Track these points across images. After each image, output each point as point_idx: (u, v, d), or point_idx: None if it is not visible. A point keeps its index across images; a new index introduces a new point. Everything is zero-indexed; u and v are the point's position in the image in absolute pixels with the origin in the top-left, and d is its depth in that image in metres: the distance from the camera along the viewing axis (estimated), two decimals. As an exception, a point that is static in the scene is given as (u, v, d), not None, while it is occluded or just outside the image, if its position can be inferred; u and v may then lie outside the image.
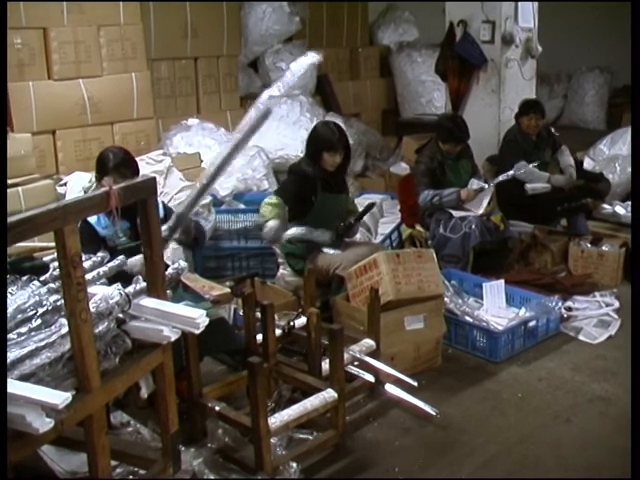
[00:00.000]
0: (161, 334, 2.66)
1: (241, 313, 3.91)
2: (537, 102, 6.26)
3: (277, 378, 3.71)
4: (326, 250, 4.54)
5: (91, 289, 2.66)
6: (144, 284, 2.76)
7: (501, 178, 5.45)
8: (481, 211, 5.27)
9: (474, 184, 5.37)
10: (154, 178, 2.76)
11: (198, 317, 2.67)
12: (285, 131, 7.00)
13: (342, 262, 4.40)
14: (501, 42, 6.59)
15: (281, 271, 4.76)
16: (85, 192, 4.63)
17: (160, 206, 3.78)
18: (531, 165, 5.70)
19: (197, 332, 2.73)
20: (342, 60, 8.74)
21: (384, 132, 8.85)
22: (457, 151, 5.39)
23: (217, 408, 3.33)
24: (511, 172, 5.50)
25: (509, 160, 5.81)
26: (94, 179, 4.16)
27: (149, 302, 2.70)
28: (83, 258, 2.39)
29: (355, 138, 7.62)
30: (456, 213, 5.23)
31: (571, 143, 7.36)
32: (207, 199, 5.48)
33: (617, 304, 4.98)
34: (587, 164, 7.17)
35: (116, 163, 3.65)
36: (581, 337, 4.64)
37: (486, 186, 5.36)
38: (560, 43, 10.08)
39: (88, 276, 2.75)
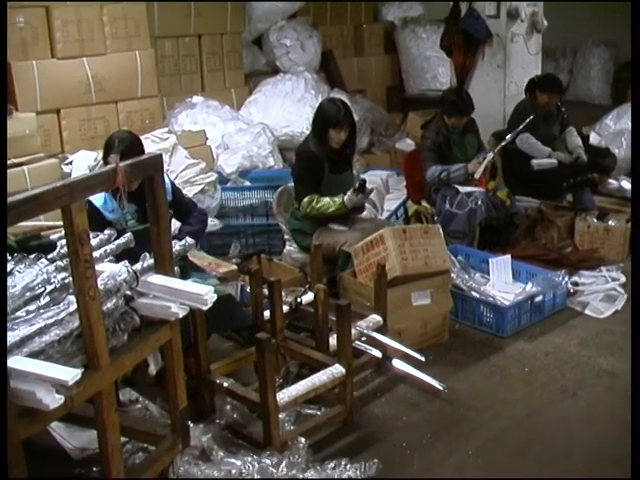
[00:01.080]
0: (169, 311, 2.65)
1: (248, 290, 3.91)
2: (558, 80, 6.19)
3: (285, 354, 3.72)
4: (332, 226, 4.53)
5: (99, 266, 2.66)
6: (151, 261, 2.76)
7: (503, 143, 5.42)
8: (477, 176, 5.24)
9: (481, 157, 5.35)
10: (160, 155, 2.74)
11: (206, 294, 2.67)
12: (290, 108, 6.96)
13: (348, 238, 4.39)
14: (506, 17, 6.52)
15: (287, 248, 4.76)
16: (90, 171, 4.62)
17: (169, 187, 3.81)
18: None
19: (205, 309, 2.73)
20: (346, 36, 8.67)
21: (389, 108, 8.80)
22: (462, 125, 5.36)
23: (225, 384, 3.34)
24: (509, 136, 5.47)
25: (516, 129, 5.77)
26: (100, 158, 4.14)
27: (157, 279, 2.70)
28: (90, 236, 2.39)
29: (360, 115, 7.58)
30: (462, 189, 5.21)
31: (577, 118, 7.32)
32: (213, 176, 5.48)
33: (623, 279, 4.96)
34: (593, 139, 7.12)
35: (122, 149, 3.58)
36: (587, 312, 4.64)
37: (491, 155, 5.32)
38: (566, 18, 9.97)
39: (96, 254, 2.74)
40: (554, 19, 7.22)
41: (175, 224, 4.08)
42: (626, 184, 6.52)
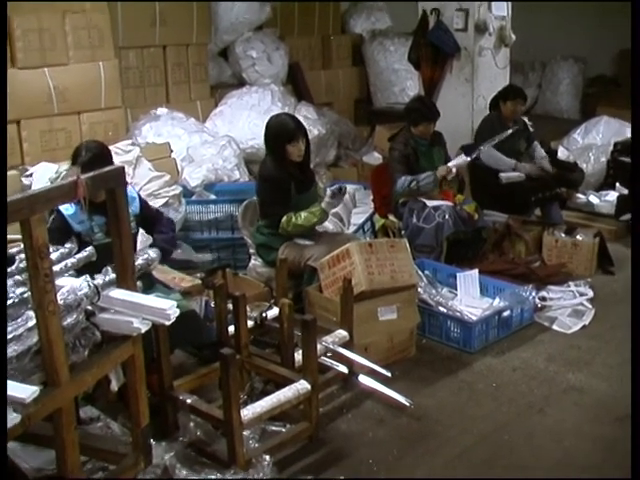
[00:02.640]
0: (131, 326, 2.65)
1: (212, 305, 3.90)
2: (519, 88, 6.33)
3: (249, 370, 3.72)
4: (298, 241, 4.55)
5: (59, 281, 2.65)
6: (113, 275, 2.75)
7: (472, 156, 5.47)
8: (454, 169, 5.31)
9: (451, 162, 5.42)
10: (122, 167, 2.75)
11: (169, 308, 2.67)
12: (256, 120, 6.97)
13: (314, 253, 4.41)
14: (474, 30, 6.61)
15: (253, 262, 4.76)
16: (51, 183, 4.59)
17: (136, 199, 3.80)
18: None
19: (168, 324, 2.73)
20: (314, 48, 8.72)
21: (356, 122, 8.85)
22: (430, 133, 5.42)
23: (189, 401, 3.33)
24: (480, 148, 5.55)
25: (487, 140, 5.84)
26: (61, 170, 4.13)
27: (119, 294, 2.70)
28: (51, 249, 2.38)
29: (327, 128, 7.63)
30: (429, 203, 5.25)
31: (545, 132, 7.44)
32: (177, 189, 5.47)
33: (591, 294, 5.02)
34: (561, 153, 7.22)
35: (87, 159, 3.56)
36: (555, 327, 4.68)
37: (465, 157, 5.38)
38: (534, 32, 10.15)
39: (56, 268, 2.73)
40: (522, 33, 7.35)
41: (143, 237, 4.08)
42: (594, 199, 6.63)
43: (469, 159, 5.43)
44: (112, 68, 6.16)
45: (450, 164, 5.37)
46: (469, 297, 4.86)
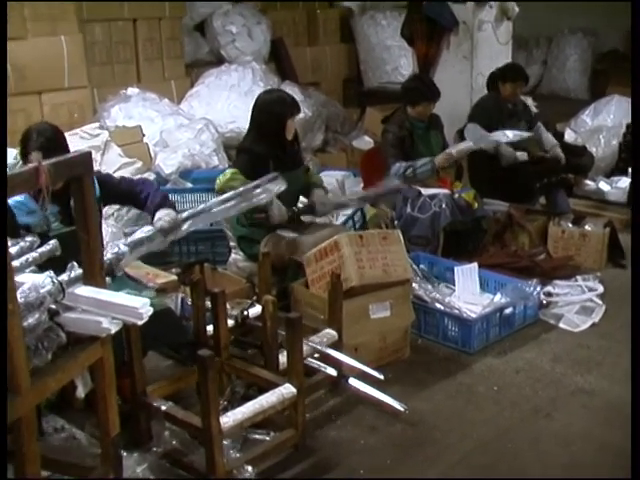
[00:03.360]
0: (100, 326, 2.64)
1: (189, 302, 3.90)
2: (521, 67, 6.36)
3: (230, 373, 3.72)
4: (282, 232, 4.55)
5: (19, 277, 2.63)
6: (80, 271, 2.74)
7: (463, 146, 5.49)
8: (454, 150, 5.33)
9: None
10: (89, 153, 2.73)
11: (141, 307, 2.66)
12: (236, 102, 6.98)
13: (300, 245, 4.42)
14: (474, 2, 6.62)
15: (233, 256, 4.76)
16: (10, 170, 4.56)
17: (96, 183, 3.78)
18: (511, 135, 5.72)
19: (140, 323, 2.72)
20: (298, 23, 8.73)
21: (345, 103, 8.85)
22: (428, 115, 5.44)
23: (163, 408, 3.33)
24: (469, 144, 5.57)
25: (476, 119, 5.85)
26: (19, 156, 4.09)
27: (86, 291, 2.69)
28: (10, 243, 2.37)
29: (314, 110, 7.63)
30: (425, 191, 5.27)
31: (551, 113, 7.45)
32: (150, 177, 5.46)
33: (601, 289, 5.04)
34: (568, 136, 7.25)
35: (42, 144, 3.48)
36: (562, 325, 4.70)
37: (470, 144, 5.40)
38: (539, 3, 10.13)
39: (15, 263, 2.72)
40: (526, 5, 7.34)
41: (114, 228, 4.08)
42: (604, 185, 6.66)
43: (474, 146, 5.44)
44: (76, 43, 6.12)
45: (452, 150, 5.37)
46: (468, 293, 4.87)
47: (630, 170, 6.68)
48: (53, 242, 3.00)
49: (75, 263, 2.82)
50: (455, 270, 4.96)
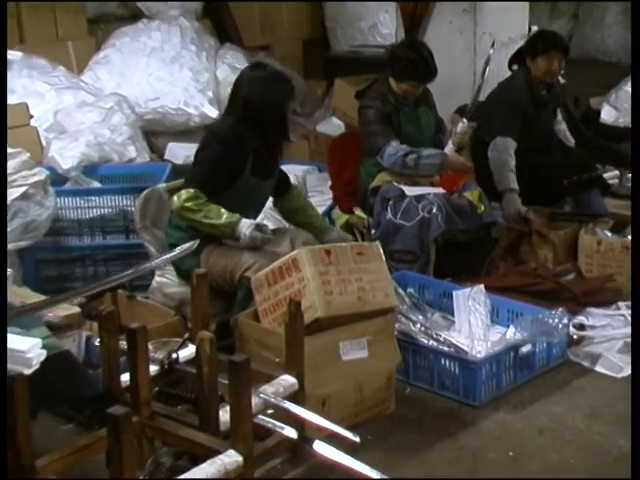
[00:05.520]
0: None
1: (97, 343, 3.89)
2: (557, 34, 6.36)
3: (152, 437, 3.71)
4: (230, 242, 4.57)
5: None
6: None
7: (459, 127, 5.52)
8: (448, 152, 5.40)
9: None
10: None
11: (29, 350, 2.66)
12: (160, 71, 7.00)
13: (257, 260, 4.45)
14: None
15: (158, 279, 4.76)
16: None
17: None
18: None
19: (28, 373, 2.71)
20: (242, -34, 8.76)
21: (307, 73, 8.90)
22: (417, 94, 5.48)
23: (60, 487, 3.31)
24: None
25: (508, 126, 5.89)
26: None
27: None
28: None
29: (264, 82, 7.65)
30: (409, 190, 5.30)
31: (583, 84, 7.44)
32: (41, 174, 5.44)
33: (650, 319, 5.10)
34: (606, 115, 7.29)
35: None
36: (599, 368, 4.74)
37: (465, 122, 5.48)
38: None
39: None
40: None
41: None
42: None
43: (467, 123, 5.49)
44: None
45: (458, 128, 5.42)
46: (472, 325, 4.89)
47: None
48: None
49: None
50: (454, 295, 4.99)
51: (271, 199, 5.08)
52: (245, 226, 4.51)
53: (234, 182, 4.61)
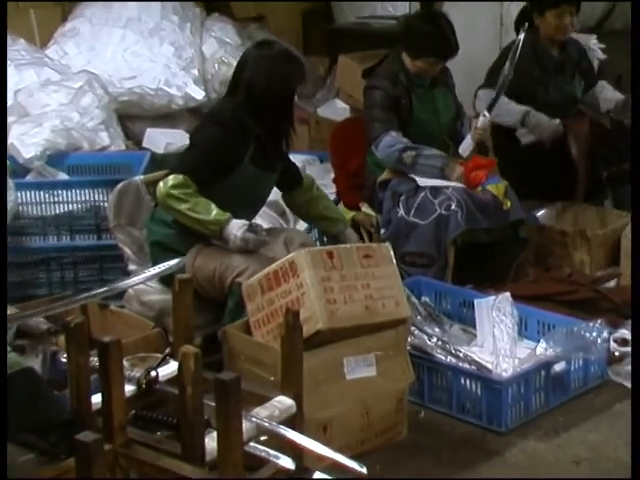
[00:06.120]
0: None
1: (64, 359, 3.90)
2: None
3: (128, 468, 3.72)
4: (219, 242, 4.60)
5: None
6: None
7: (480, 121, 5.53)
8: (465, 154, 5.40)
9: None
10: None
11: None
12: (136, 46, 7.01)
13: (250, 264, 4.47)
14: None
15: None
16: None
17: None
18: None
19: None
20: None
21: (306, 49, 8.92)
22: (434, 74, 5.49)
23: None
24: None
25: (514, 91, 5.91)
26: None
27: None
28: None
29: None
30: (423, 182, 5.32)
31: (627, 59, 7.45)
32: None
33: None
34: (650, 97, 7.32)
35: None
36: (644, 389, 4.76)
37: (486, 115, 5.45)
38: None
39: None
40: None
41: None
42: None
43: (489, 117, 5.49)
44: None
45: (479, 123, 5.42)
46: (497, 339, 4.90)
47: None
48: None
49: None
50: (476, 304, 5.01)
51: (280, 194, 5.13)
52: (236, 227, 4.53)
53: (231, 172, 4.65)
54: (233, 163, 4.65)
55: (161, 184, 4.56)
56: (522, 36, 5.52)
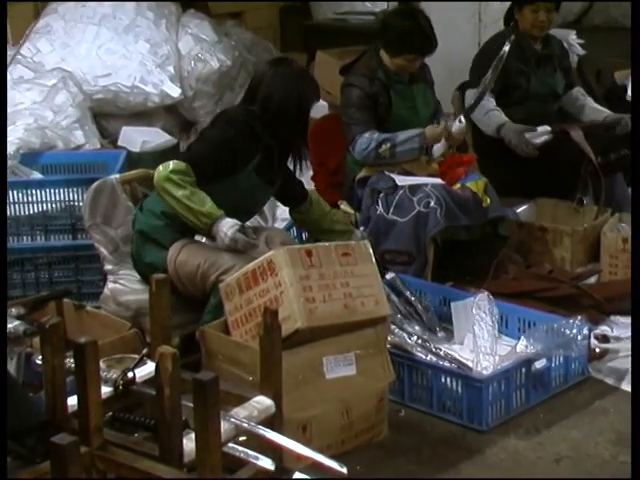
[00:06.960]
0: None
1: (39, 361, 3.89)
2: None
3: (105, 470, 3.71)
4: (202, 238, 4.60)
5: None
6: None
7: (455, 126, 5.48)
8: (437, 153, 5.38)
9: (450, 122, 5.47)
10: None
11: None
12: (111, 43, 7.00)
13: (236, 263, 4.47)
14: None
15: (111, 285, 4.76)
16: None
17: None
18: None
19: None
20: None
21: (284, 45, 8.92)
22: (413, 70, 5.49)
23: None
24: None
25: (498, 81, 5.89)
26: None
27: None
28: None
29: (234, 56, 7.67)
30: (401, 180, 5.32)
31: (607, 56, 7.45)
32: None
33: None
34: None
35: None
36: (625, 386, 4.74)
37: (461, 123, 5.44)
38: None
39: None
40: None
41: None
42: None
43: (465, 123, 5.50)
44: None
45: (452, 127, 5.41)
46: (477, 337, 4.90)
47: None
48: None
49: None
50: (452, 307, 5.04)
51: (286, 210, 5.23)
52: (227, 225, 4.54)
53: (233, 175, 4.68)
54: (236, 167, 4.69)
55: (161, 167, 4.58)
56: (507, 47, 5.53)
